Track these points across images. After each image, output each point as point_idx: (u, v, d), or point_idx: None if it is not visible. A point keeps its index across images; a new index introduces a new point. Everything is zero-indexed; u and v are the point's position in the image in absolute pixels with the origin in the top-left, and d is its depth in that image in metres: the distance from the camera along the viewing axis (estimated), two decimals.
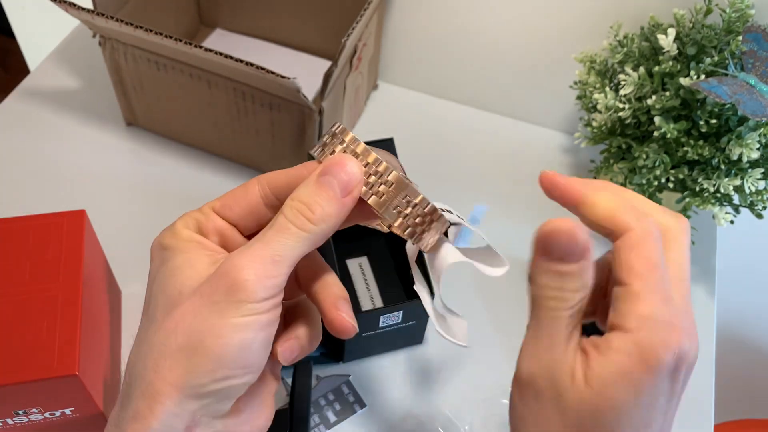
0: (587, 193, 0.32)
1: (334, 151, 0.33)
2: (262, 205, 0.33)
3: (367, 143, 0.65)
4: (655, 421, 0.30)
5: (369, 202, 0.32)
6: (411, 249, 0.40)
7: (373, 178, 0.32)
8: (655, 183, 0.63)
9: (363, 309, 0.64)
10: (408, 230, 0.33)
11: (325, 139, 0.33)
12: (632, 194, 0.33)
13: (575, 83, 0.71)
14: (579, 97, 0.71)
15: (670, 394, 0.29)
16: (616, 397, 0.28)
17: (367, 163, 0.32)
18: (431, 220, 0.33)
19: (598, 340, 0.30)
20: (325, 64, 0.85)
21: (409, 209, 0.32)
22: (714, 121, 0.60)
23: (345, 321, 0.33)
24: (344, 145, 0.32)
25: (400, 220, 0.32)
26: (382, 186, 0.32)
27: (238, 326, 0.29)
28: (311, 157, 0.63)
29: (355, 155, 0.32)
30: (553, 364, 0.30)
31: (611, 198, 0.31)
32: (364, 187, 0.32)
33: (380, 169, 0.32)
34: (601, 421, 0.29)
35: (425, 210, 0.33)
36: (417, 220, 0.33)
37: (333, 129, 0.33)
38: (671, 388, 0.29)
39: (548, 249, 0.31)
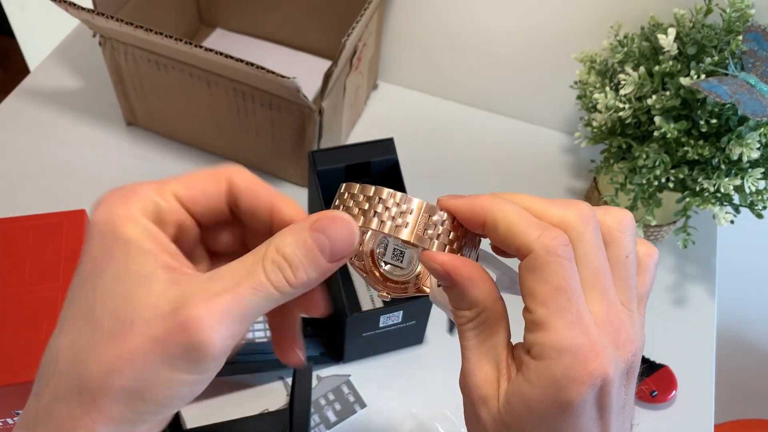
0: (488, 211, 0.28)
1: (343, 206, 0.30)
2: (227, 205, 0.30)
3: (367, 143, 0.65)
4: None
5: (413, 240, 0.29)
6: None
7: (389, 213, 0.29)
8: (656, 183, 0.63)
9: (363, 309, 0.64)
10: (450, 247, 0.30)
11: (336, 203, 0.31)
12: (545, 203, 0.29)
13: (575, 83, 0.71)
14: (579, 97, 0.71)
15: (601, 414, 0.27)
16: (530, 428, 0.27)
17: (380, 198, 0.29)
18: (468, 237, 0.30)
19: (522, 355, 0.28)
20: (325, 64, 0.85)
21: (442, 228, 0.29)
22: (714, 120, 0.60)
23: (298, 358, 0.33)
24: (349, 196, 0.30)
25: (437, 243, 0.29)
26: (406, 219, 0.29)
27: (190, 382, 0.26)
28: (311, 157, 0.63)
29: (367, 199, 0.29)
30: (469, 375, 0.30)
31: (511, 214, 0.28)
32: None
33: (398, 200, 0.29)
34: None
35: (456, 224, 0.30)
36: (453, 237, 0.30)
37: (339, 190, 0.31)
38: (599, 412, 0.27)
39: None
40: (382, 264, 0.33)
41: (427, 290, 0.33)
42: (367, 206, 0.29)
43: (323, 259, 0.27)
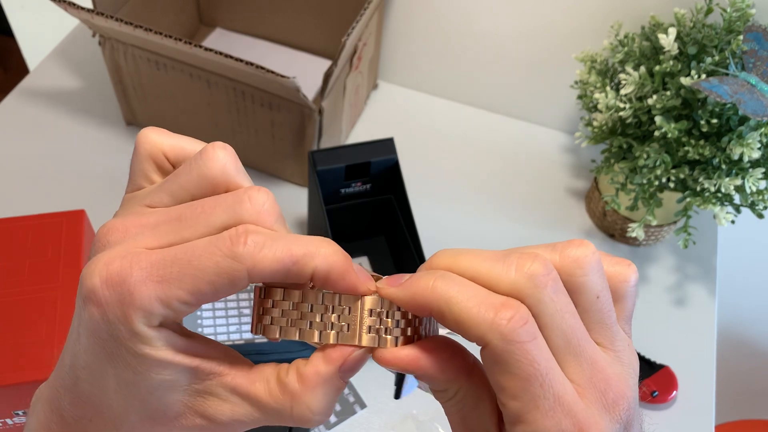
0: (431, 303, 0.25)
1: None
2: None
3: (367, 143, 0.65)
4: None
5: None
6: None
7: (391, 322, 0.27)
8: (656, 183, 0.63)
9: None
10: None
11: (258, 312, 0.28)
12: (491, 264, 0.26)
13: (576, 83, 0.71)
14: (580, 97, 0.71)
15: None
16: None
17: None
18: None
19: None
20: (325, 64, 0.85)
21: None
22: (715, 120, 0.60)
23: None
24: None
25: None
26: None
27: None
28: (311, 157, 0.63)
29: (295, 306, 0.27)
30: None
31: (455, 302, 0.25)
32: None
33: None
34: None
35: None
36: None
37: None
38: None
39: None
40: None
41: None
42: (297, 316, 0.27)
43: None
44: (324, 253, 0.25)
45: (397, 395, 0.35)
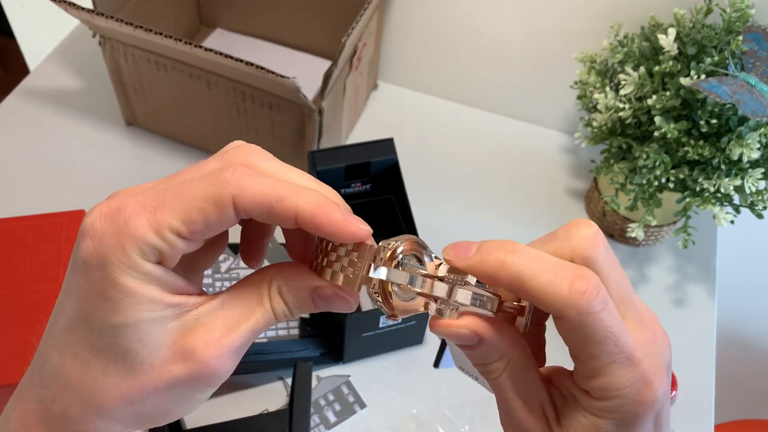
0: (509, 271, 0.26)
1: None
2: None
3: (367, 143, 0.65)
4: None
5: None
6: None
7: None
8: (656, 183, 0.63)
9: (363, 309, 0.64)
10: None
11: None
12: (547, 243, 0.28)
13: (575, 83, 0.71)
14: (579, 97, 0.71)
15: (656, 427, 0.29)
16: None
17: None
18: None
19: (577, 393, 0.29)
20: (325, 64, 0.85)
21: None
22: (714, 121, 0.60)
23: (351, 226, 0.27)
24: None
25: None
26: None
27: (195, 404, 0.29)
28: (311, 157, 0.63)
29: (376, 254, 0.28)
30: (517, 423, 0.30)
31: (533, 272, 0.26)
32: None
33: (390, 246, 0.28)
34: None
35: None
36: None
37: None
38: (655, 429, 0.29)
39: (452, 340, 0.29)
40: (395, 288, 0.30)
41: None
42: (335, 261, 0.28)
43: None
44: (308, 197, 0.26)
45: (436, 364, 0.36)
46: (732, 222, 0.63)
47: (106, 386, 0.27)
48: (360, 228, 0.26)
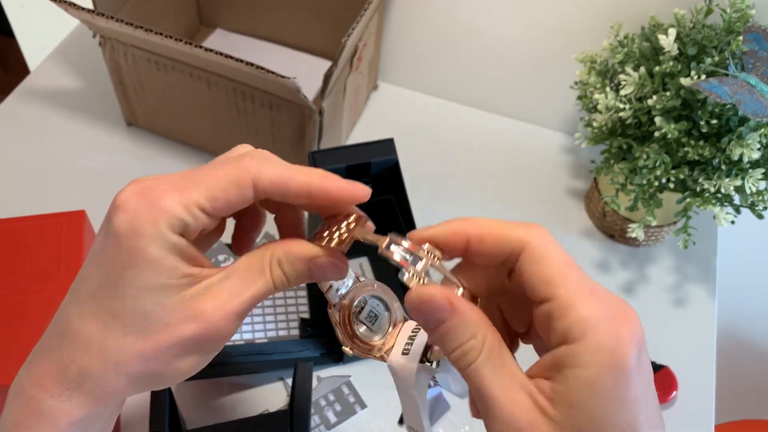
0: (469, 229, 0.31)
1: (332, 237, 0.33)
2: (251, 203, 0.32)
3: (367, 143, 0.65)
4: (643, 404, 0.27)
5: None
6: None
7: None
8: (656, 183, 0.63)
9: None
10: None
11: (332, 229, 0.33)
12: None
13: (576, 83, 0.71)
14: (579, 98, 0.71)
15: (638, 372, 0.27)
16: (596, 412, 0.26)
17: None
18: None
19: (550, 362, 0.28)
20: (325, 64, 0.85)
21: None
22: (714, 121, 0.60)
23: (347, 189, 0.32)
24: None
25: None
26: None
27: (200, 364, 0.32)
28: (311, 157, 0.63)
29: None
30: (500, 411, 0.28)
31: (491, 225, 0.31)
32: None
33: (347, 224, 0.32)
34: None
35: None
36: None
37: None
38: (639, 369, 0.27)
39: (424, 323, 0.30)
40: (355, 321, 0.35)
41: (387, 359, 0.34)
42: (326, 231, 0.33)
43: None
44: (316, 173, 0.31)
45: (401, 421, 0.37)
46: (732, 222, 0.63)
47: (125, 344, 0.30)
48: (362, 189, 0.31)
